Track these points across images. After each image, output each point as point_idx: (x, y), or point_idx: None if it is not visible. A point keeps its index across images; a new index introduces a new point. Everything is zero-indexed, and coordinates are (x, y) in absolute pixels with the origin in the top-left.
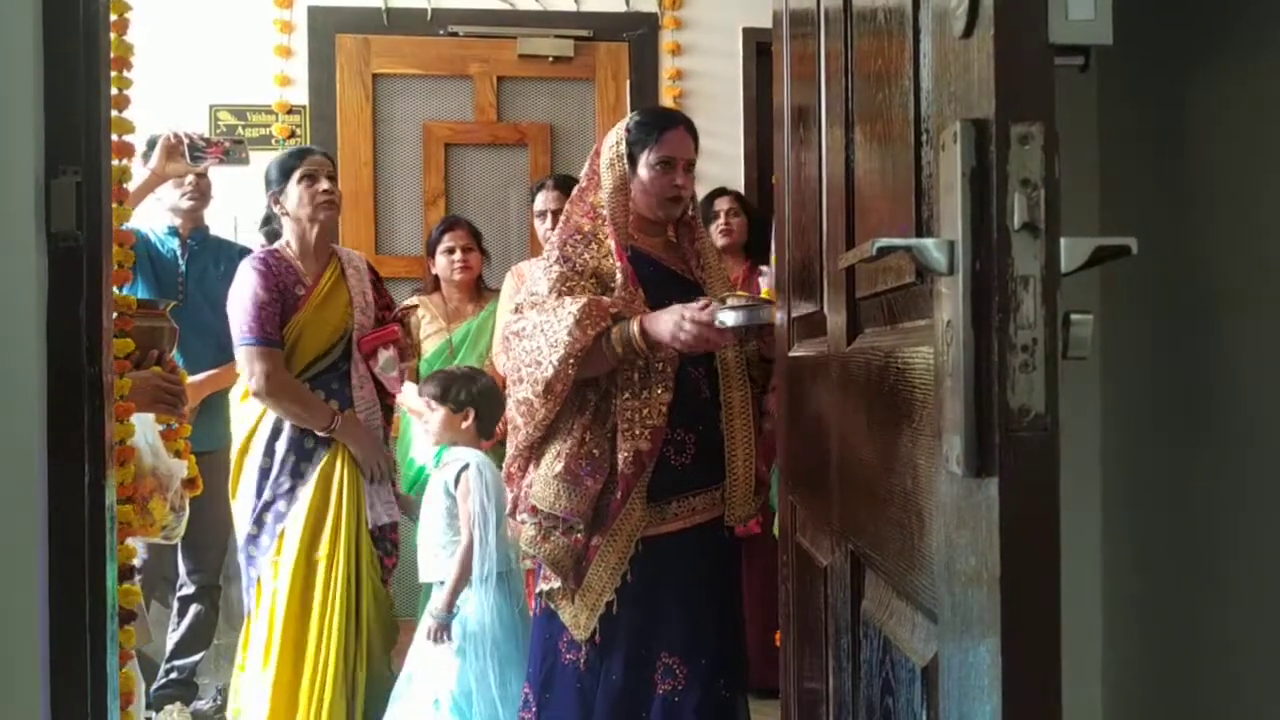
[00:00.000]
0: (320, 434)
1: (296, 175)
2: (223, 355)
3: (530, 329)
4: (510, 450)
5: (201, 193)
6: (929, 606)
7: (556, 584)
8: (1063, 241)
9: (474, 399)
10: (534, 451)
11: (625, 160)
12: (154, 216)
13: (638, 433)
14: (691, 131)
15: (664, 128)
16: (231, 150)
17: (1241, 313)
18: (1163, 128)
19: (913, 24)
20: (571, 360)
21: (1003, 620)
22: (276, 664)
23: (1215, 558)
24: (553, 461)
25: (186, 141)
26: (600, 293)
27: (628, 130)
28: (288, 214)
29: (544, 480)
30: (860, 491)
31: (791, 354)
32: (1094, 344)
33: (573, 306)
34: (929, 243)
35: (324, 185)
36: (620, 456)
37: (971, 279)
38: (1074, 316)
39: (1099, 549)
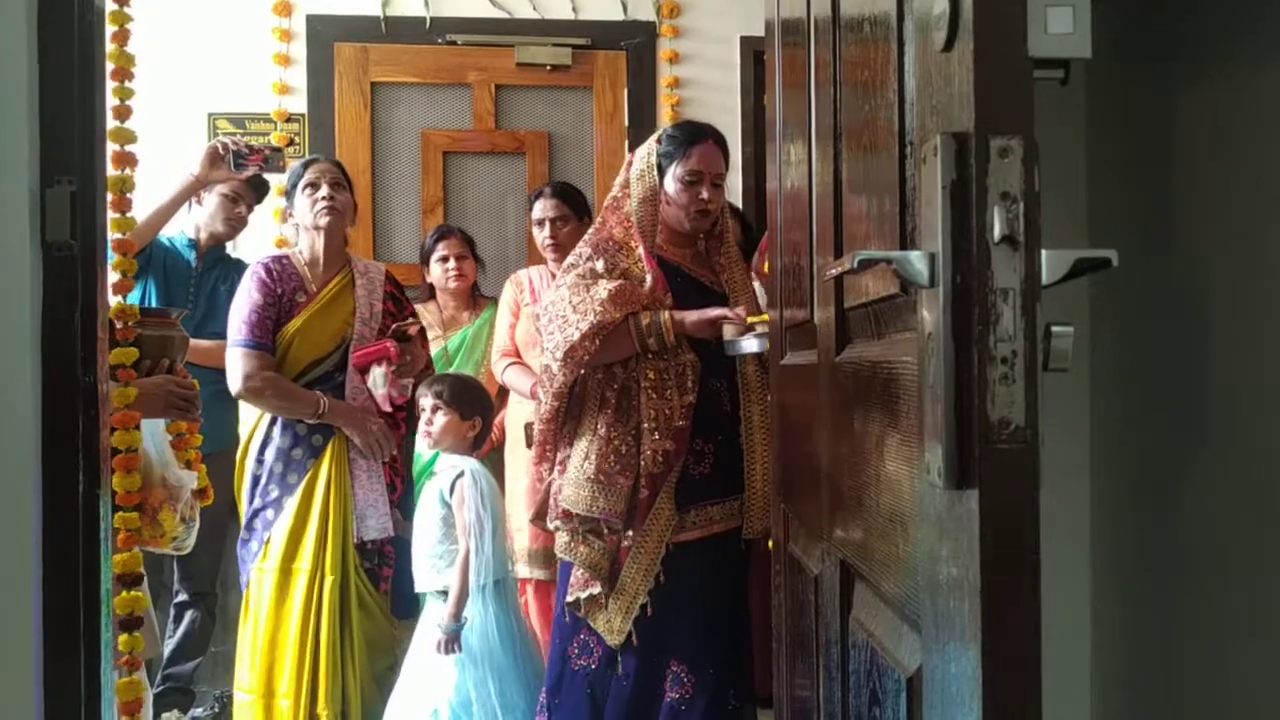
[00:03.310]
0: (313, 422)
1: (301, 184)
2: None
3: (559, 300)
4: (537, 426)
5: (239, 220)
6: (914, 617)
7: (596, 589)
8: (1043, 254)
9: (485, 410)
10: (558, 429)
11: (655, 171)
12: (173, 225)
13: (662, 433)
14: (721, 146)
15: (692, 142)
16: (271, 157)
17: (1232, 320)
18: (1151, 139)
19: (897, 35)
20: (597, 332)
21: (983, 632)
22: (262, 674)
23: (1206, 566)
24: (582, 464)
25: (232, 149)
26: None
27: (658, 142)
28: (298, 223)
29: (576, 483)
30: (849, 501)
31: (784, 363)
32: (1084, 353)
33: (608, 285)
34: (911, 255)
35: (324, 192)
36: (646, 454)
37: (952, 291)
38: (1055, 329)
39: (1088, 558)
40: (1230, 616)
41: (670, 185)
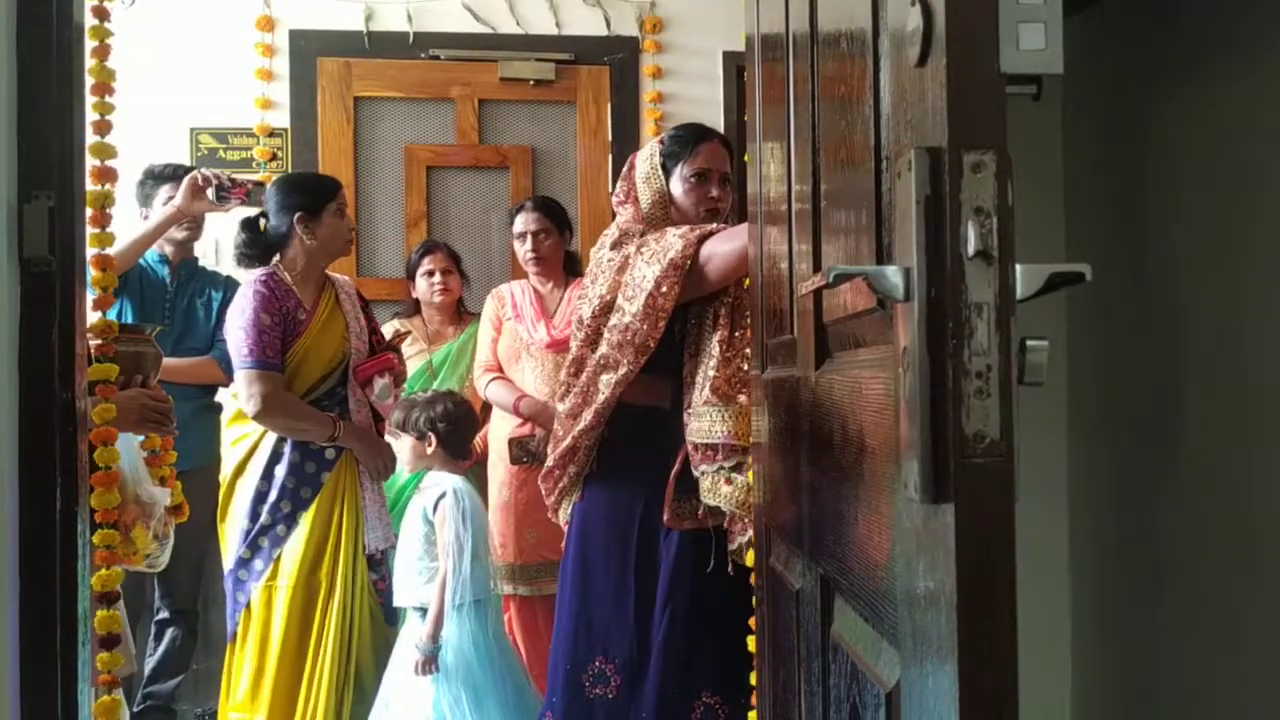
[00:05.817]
0: (324, 444)
1: (334, 207)
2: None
3: (627, 258)
4: (604, 393)
5: (196, 223)
6: (892, 632)
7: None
8: (1018, 268)
9: (433, 423)
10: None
11: (660, 174)
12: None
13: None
14: (726, 146)
15: (698, 140)
16: (253, 192)
17: (1209, 329)
18: (1128, 151)
19: (873, 51)
20: (673, 274)
21: (959, 647)
22: (271, 692)
23: (1184, 572)
24: (702, 388)
25: (215, 182)
26: None
27: (661, 143)
28: (313, 239)
29: (695, 413)
30: (828, 515)
31: (765, 377)
32: (1061, 363)
33: (678, 229)
34: (886, 270)
35: (350, 223)
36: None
37: (927, 306)
38: (1030, 342)
39: (1067, 568)
40: (1209, 622)
41: (676, 186)
